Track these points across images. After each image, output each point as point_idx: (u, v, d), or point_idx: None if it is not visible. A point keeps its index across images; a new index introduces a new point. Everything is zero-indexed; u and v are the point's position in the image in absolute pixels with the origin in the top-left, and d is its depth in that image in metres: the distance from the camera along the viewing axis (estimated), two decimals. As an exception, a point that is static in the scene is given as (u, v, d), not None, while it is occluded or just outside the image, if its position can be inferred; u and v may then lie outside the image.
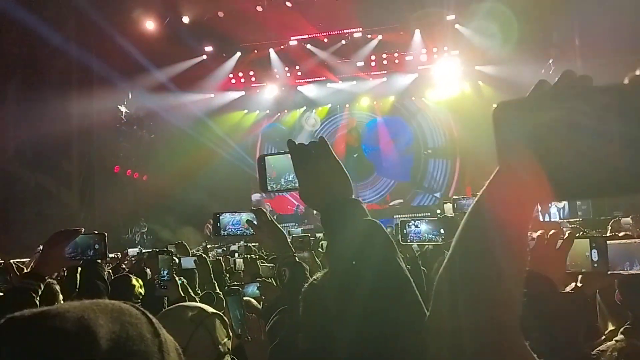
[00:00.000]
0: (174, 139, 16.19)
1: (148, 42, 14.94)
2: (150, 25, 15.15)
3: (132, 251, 9.78)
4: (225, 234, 2.49)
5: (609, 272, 1.64)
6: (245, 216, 2.40)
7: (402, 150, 17.84)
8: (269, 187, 1.49)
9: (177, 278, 3.22)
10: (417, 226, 2.90)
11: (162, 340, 0.74)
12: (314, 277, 1.77)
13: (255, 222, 2.22)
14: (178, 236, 11.97)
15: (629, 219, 7.12)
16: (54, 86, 12.52)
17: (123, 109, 15.74)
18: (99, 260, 2.46)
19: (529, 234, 0.80)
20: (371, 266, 1.11)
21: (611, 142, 0.55)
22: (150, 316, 0.76)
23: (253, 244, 7.61)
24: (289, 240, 2.29)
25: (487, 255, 0.76)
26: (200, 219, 14.31)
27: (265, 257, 5.16)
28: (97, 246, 2.16)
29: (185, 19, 15.33)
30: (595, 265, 1.66)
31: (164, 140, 16.57)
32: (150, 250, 6.24)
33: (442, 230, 2.85)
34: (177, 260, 6.20)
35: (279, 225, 2.24)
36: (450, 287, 0.81)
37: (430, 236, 2.89)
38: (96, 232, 2.17)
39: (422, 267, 3.59)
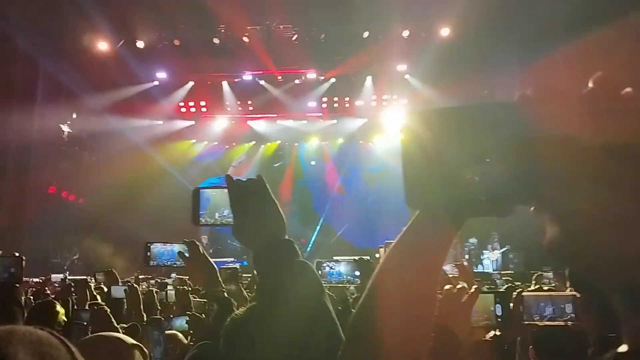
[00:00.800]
0: (116, 164, 15.74)
1: (99, 63, 14.72)
2: (103, 46, 14.96)
3: (56, 277, 9.35)
4: (156, 263, 2.44)
5: (525, 322, 1.72)
6: (177, 247, 2.36)
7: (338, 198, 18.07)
8: (201, 221, 1.47)
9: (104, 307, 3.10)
10: (331, 267, 2.95)
11: None
12: (236, 312, 1.76)
13: (186, 254, 2.19)
14: (111, 264, 11.52)
15: (550, 274, 7.48)
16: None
17: (66, 128, 15.28)
18: (17, 285, 2.35)
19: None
20: (298, 307, 1.12)
21: (501, 154, 0.59)
22: (71, 346, 0.74)
23: (187, 277, 7.43)
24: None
25: (396, 306, 0.79)
26: (135, 248, 13.85)
27: (200, 291, 5.05)
28: (12, 269, 2.06)
29: (140, 44, 15.20)
30: (499, 319, 1.73)
31: (106, 164, 16.09)
32: (78, 277, 5.97)
33: (356, 272, 2.91)
34: (104, 289, 5.98)
35: (210, 260, 2.22)
36: (360, 332, 0.83)
37: (349, 277, 2.94)
38: (16, 254, 2.07)
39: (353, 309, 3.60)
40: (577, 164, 0.53)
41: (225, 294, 2.18)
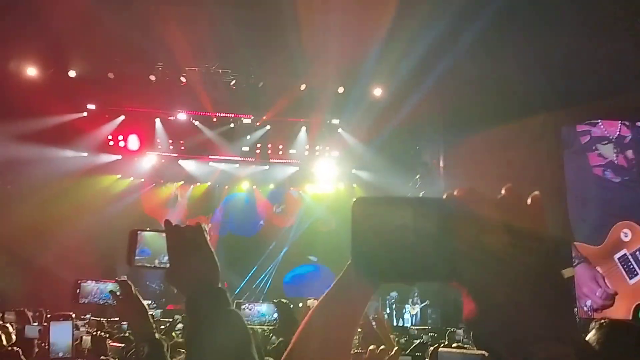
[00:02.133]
0: (32, 194, 15.02)
1: (25, 88, 14.22)
2: (31, 71, 14.53)
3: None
4: (87, 301, 2.45)
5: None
6: (110, 286, 2.40)
7: None
8: (135, 262, 1.48)
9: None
10: (250, 309, 3.06)
11: None
12: None
13: (118, 294, 2.23)
14: (19, 300, 10.84)
15: (461, 331, 7.90)
16: None
17: (-20, 153, 14.47)
18: None
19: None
20: (226, 356, 1.18)
21: (430, 238, 0.71)
22: None
23: (103, 319, 7.17)
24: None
25: (318, 349, 0.95)
26: (48, 285, 13.16)
27: (114, 335, 4.92)
28: None
29: (72, 73, 14.89)
30: None
31: (21, 194, 15.31)
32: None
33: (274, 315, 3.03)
34: (10, 329, 5.67)
35: (142, 300, 2.27)
36: None
37: (270, 319, 3.05)
38: None
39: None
40: (485, 245, 0.65)
41: (157, 335, 2.22)
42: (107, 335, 4.15)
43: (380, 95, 15.00)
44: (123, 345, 3.71)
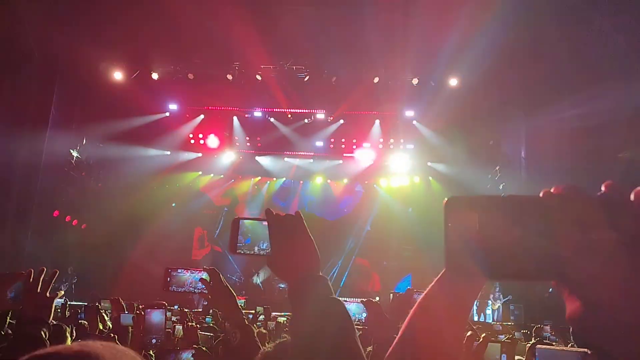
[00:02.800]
0: (121, 191, 15.96)
1: (113, 92, 15.08)
2: (118, 76, 15.36)
3: (56, 302, 9.34)
4: (177, 290, 2.55)
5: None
6: (201, 275, 2.47)
7: None
8: (238, 250, 1.52)
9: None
10: None
11: None
12: (266, 347, 1.87)
13: (209, 282, 2.30)
14: (110, 289, 11.57)
15: (548, 327, 7.58)
16: (5, 120, 12.36)
17: (75, 153, 15.53)
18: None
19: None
20: (329, 343, 1.17)
21: (531, 238, 0.71)
22: None
23: (187, 309, 7.48)
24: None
25: (431, 344, 0.94)
26: (139, 277, 13.97)
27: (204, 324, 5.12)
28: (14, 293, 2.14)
29: (155, 75, 15.61)
30: None
31: (111, 191, 16.30)
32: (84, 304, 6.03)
33: (363, 314, 3.01)
34: (105, 317, 6.05)
35: (230, 288, 2.33)
36: None
37: (358, 317, 3.03)
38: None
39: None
40: (593, 244, 0.66)
41: (246, 322, 2.28)
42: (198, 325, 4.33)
43: (457, 85, 14.61)
44: (211, 334, 3.86)
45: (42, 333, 2.03)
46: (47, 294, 2.13)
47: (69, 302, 8.74)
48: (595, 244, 0.65)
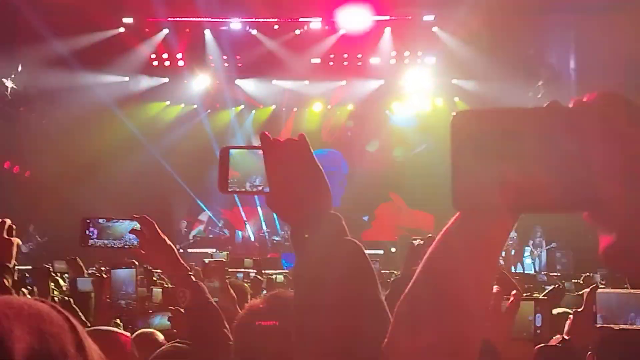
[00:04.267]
0: (71, 129, 15.82)
1: (51, 4, 14.64)
2: (53, -19, 14.85)
3: None
4: (99, 244, 2.51)
5: (598, 325, 1.79)
6: (128, 224, 2.44)
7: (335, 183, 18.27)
8: (230, 188, 1.47)
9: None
10: None
11: (87, 356, 0.75)
12: (255, 300, 1.85)
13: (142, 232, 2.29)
14: (67, 250, 11.58)
15: (598, 276, 7.77)
16: None
17: (9, 83, 15.25)
18: None
19: None
20: (347, 298, 1.14)
21: (558, 159, 0.71)
22: (75, 323, 0.77)
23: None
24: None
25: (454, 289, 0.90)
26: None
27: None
28: None
29: (103, -20, 15.14)
30: (538, 331, 1.79)
31: (58, 129, 16.16)
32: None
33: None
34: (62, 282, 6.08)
35: (167, 239, 2.32)
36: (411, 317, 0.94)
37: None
38: None
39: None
40: (635, 163, 0.65)
41: (193, 278, 2.29)
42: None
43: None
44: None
45: (5, 280, 2.17)
46: (5, 235, 2.24)
47: (17, 267, 8.79)
48: (637, 163, 0.65)
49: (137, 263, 4.01)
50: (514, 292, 1.76)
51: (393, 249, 15.60)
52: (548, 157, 0.71)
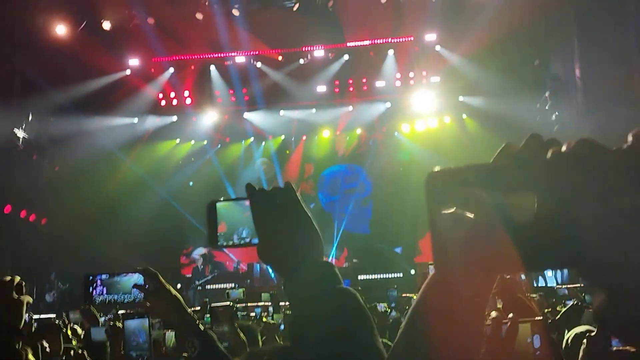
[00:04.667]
0: (84, 173, 15.87)
1: (58, 51, 14.82)
2: (61, 30, 15.06)
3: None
4: (105, 300, 2.52)
5: (614, 349, 1.71)
6: (134, 277, 2.43)
7: (359, 201, 18.28)
8: (219, 242, 1.46)
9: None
10: None
11: None
12: (260, 348, 1.80)
13: (146, 287, 2.27)
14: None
15: None
16: None
17: (20, 133, 15.39)
18: None
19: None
20: (344, 351, 1.13)
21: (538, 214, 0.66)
22: None
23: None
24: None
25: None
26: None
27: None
28: None
29: (107, 25, 15.34)
30: (537, 352, 1.74)
31: (71, 175, 16.22)
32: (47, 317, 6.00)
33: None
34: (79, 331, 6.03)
35: (173, 289, 2.28)
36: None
37: None
38: None
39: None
40: (616, 211, 0.60)
41: (201, 327, 2.26)
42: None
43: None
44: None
45: (16, 343, 2.14)
46: (14, 295, 2.19)
47: (34, 317, 8.79)
48: (621, 212, 0.60)
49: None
50: (510, 315, 1.72)
51: (412, 271, 15.45)
52: (523, 213, 0.66)
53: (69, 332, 4.76)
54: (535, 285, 13.47)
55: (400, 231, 17.31)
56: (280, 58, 16.65)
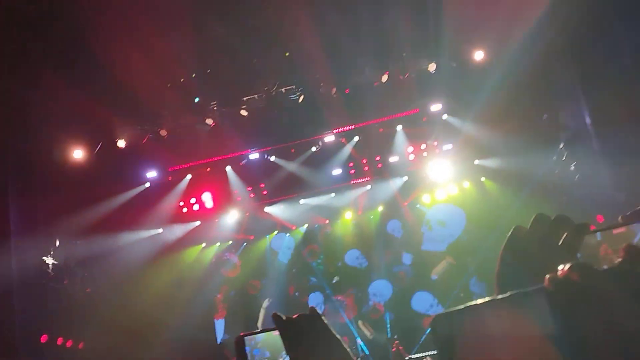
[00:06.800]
0: (116, 291, 15.71)
1: (77, 175, 15.00)
2: (78, 154, 15.28)
3: None
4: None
5: None
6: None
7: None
8: None
9: None
10: None
11: None
12: None
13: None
14: None
15: None
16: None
17: (49, 260, 15.37)
18: None
19: None
20: None
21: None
22: None
23: None
24: None
25: None
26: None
27: None
28: None
29: (121, 143, 15.55)
30: None
31: (103, 294, 16.07)
32: None
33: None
34: None
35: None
36: None
37: None
38: None
39: None
40: (620, 328, 0.62)
41: None
42: None
43: (483, 58, 14.25)
44: None
45: None
46: None
47: None
48: (626, 329, 0.62)
49: None
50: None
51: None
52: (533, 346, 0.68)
53: None
54: None
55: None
56: (292, 150, 16.70)
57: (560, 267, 0.69)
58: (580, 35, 12.95)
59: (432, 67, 14.62)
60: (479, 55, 14.26)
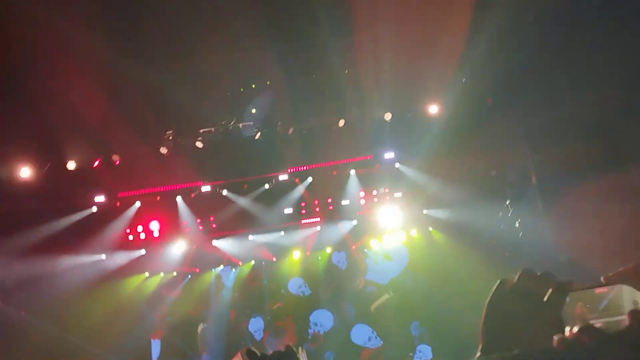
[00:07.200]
0: (51, 317, 15.24)
1: (21, 193, 14.63)
2: (25, 172, 14.91)
3: None
4: None
5: None
6: None
7: None
8: None
9: None
10: None
11: None
12: None
13: None
14: None
15: None
16: None
17: (-16, 280, 14.87)
18: None
19: None
20: None
21: None
22: None
23: None
24: None
25: None
26: None
27: None
28: None
29: (71, 165, 15.25)
30: None
31: (39, 318, 15.56)
32: None
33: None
34: None
35: None
36: None
37: None
38: None
39: None
40: None
41: None
42: None
43: (437, 112, 14.60)
44: None
45: None
46: None
47: None
48: None
49: None
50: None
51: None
52: None
53: None
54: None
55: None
56: (245, 186, 16.64)
57: (568, 328, 0.72)
58: (520, 86, 13.38)
59: (387, 116, 14.87)
60: (433, 108, 14.60)
